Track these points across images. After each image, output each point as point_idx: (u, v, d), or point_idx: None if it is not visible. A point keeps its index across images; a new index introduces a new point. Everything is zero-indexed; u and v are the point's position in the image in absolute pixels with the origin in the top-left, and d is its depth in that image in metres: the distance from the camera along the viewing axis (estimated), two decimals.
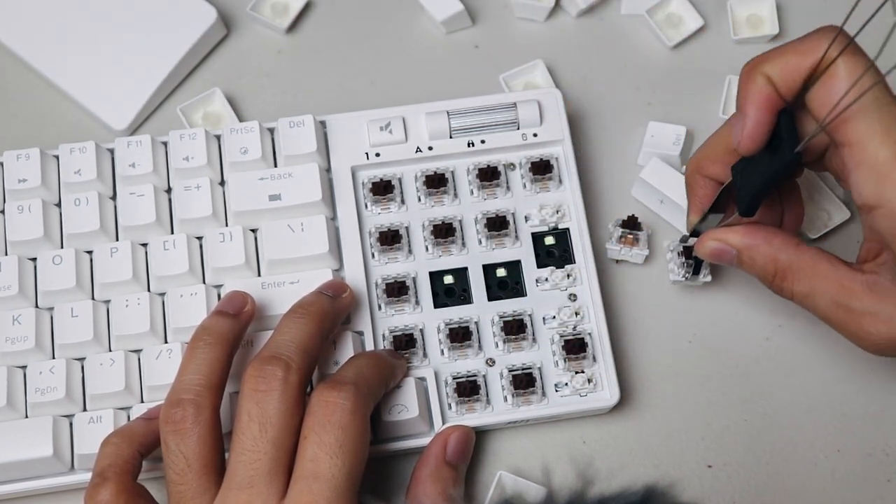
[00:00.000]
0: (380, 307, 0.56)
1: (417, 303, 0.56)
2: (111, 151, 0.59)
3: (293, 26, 0.65)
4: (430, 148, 0.58)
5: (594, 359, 0.55)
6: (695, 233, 0.55)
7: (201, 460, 0.48)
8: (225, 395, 0.51)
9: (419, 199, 0.58)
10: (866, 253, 0.49)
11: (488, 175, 0.58)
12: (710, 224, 0.54)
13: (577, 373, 0.55)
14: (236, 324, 0.51)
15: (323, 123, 0.59)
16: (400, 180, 0.58)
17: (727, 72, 0.63)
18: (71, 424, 0.53)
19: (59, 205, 0.58)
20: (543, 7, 0.64)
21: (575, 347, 0.55)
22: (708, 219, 0.54)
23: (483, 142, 0.58)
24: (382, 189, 0.58)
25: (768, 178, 0.48)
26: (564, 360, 0.55)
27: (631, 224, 0.58)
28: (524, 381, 0.54)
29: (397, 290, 0.56)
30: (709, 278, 0.57)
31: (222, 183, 0.58)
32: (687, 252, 0.56)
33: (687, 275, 0.57)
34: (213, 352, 0.50)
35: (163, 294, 0.56)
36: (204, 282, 0.56)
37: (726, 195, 0.53)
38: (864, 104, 0.45)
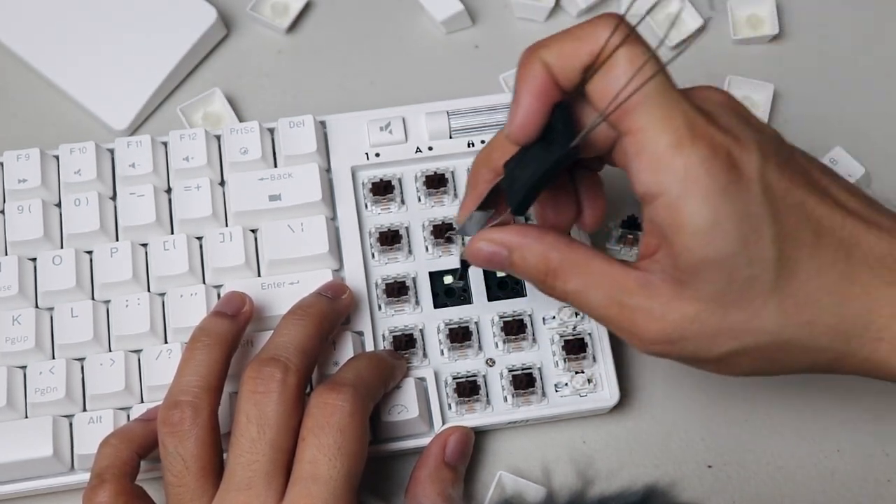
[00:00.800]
0: (380, 307, 0.56)
1: (417, 303, 0.56)
2: (111, 151, 0.59)
3: (293, 26, 0.65)
4: (430, 148, 0.58)
5: (594, 359, 0.55)
6: (462, 230, 0.50)
7: (199, 462, 0.48)
8: (224, 396, 0.51)
9: (419, 200, 0.58)
10: (643, 249, 0.47)
11: None
12: (476, 223, 0.50)
13: (576, 373, 0.55)
14: (234, 325, 0.51)
15: (323, 123, 0.59)
16: (400, 180, 0.58)
17: (727, 72, 0.63)
18: (71, 424, 0.53)
19: (59, 205, 0.58)
20: (543, 7, 0.64)
21: (575, 347, 0.55)
22: (474, 217, 0.50)
23: (483, 142, 0.58)
24: (382, 189, 0.58)
25: (542, 174, 0.45)
26: (564, 361, 0.55)
27: (631, 224, 0.58)
28: (524, 382, 0.54)
29: (397, 290, 0.56)
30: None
31: (222, 183, 0.58)
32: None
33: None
34: (211, 353, 0.50)
35: (163, 294, 0.56)
36: (204, 282, 0.56)
37: (499, 193, 0.49)
38: (645, 93, 0.43)
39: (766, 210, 0.43)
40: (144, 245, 0.57)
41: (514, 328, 0.55)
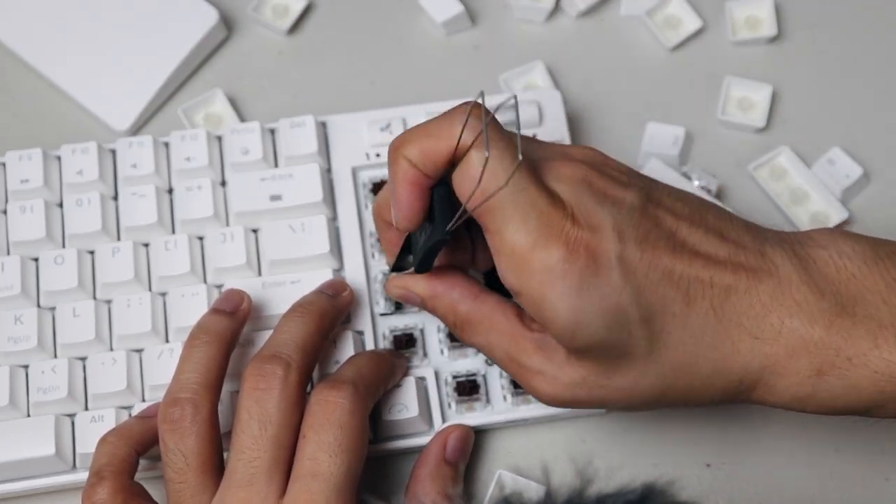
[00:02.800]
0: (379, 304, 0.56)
1: None
2: (113, 152, 0.59)
3: (294, 28, 0.65)
4: None
5: None
6: (397, 268, 0.53)
7: (200, 459, 0.48)
8: (225, 394, 0.51)
9: None
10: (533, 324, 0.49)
11: None
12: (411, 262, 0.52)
13: None
14: (233, 322, 0.52)
15: (323, 124, 0.59)
16: None
17: (726, 73, 0.63)
18: (73, 423, 0.54)
19: (61, 205, 0.58)
20: (543, 8, 0.65)
21: None
22: (408, 259, 0.52)
23: None
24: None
25: (427, 250, 0.48)
26: None
27: None
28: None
29: None
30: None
31: (223, 183, 0.58)
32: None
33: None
34: (209, 350, 0.50)
35: (164, 294, 0.56)
36: (205, 282, 0.56)
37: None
38: (501, 194, 0.44)
39: (629, 295, 0.44)
40: (146, 245, 0.57)
41: None
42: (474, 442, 0.55)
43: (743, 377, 0.46)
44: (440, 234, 0.47)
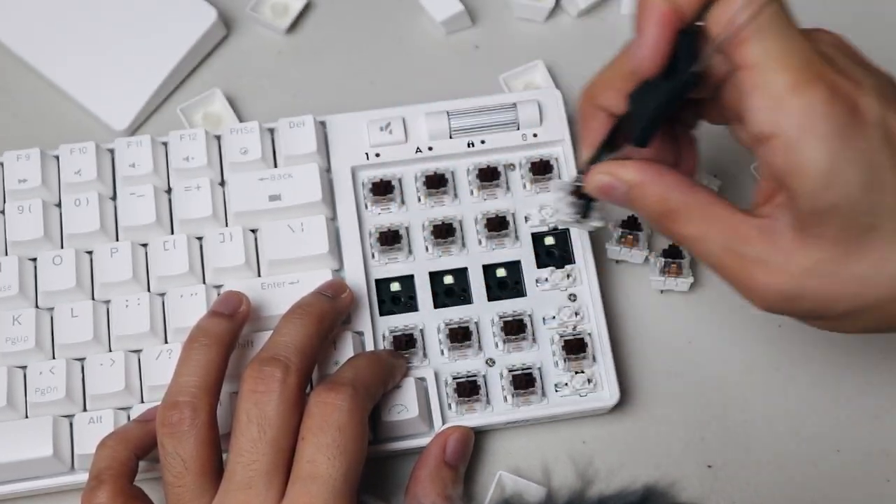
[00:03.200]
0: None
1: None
2: (111, 152, 0.59)
3: (293, 27, 0.65)
4: (430, 148, 0.58)
5: (594, 359, 0.55)
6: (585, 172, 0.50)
7: (199, 462, 0.48)
8: (224, 396, 0.51)
9: (419, 200, 0.58)
10: (760, 195, 0.46)
11: (488, 175, 0.58)
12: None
13: (576, 373, 0.55)
14: (232, 324, 0.51)
15: (323, 124, 0.59)
16: (400, 180, 0.58)
17: None
18: (71, 424, 0.53)
19: (59, 205, 0.58)
20: (543, 7, 0.64)
21: (575, 347, 0.55)
22: (602, 157, 0.50)
23: (483, 142, 0.58)
24: (382, 189, 0.58)
25: (665, 101, 0.45)
26: (564, 361, 0.55)
27: (631, 224, 0.58)
28: (524, 382, 0.54)
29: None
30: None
31: (222, 183, 0.58)
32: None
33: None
34: (208, 353, 0.50)
35: (163, 294, 0.56)
36: (204, 282, 0.56)
37: (621, 131, 0.49)
38: (762, 25, 0.41)
39: (888, 157, 0.42)
40: (144, 245, 0.57)
41: (514, 328, 0.55)
42: (474, 443, 0.55)
43: None
44: (685, 76, 0.44)
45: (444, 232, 0.57)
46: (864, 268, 0.43)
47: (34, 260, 0.56)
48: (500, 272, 0.57)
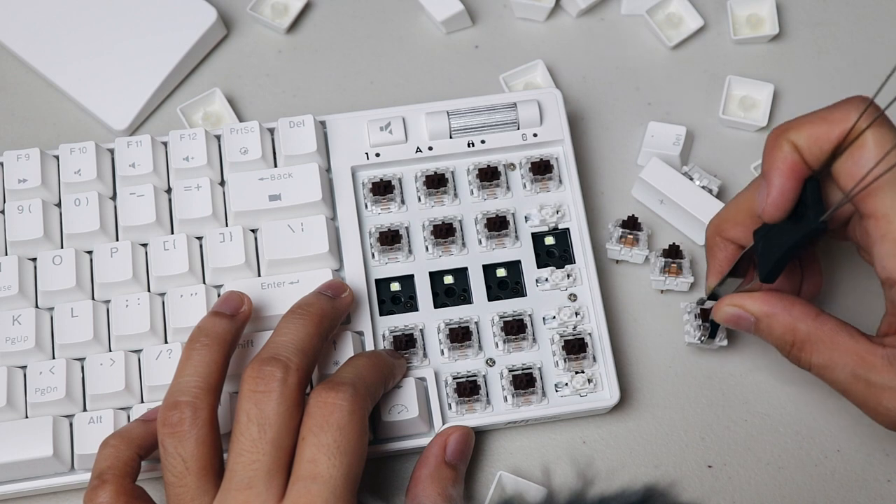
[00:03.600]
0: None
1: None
2: (111, 151, 0.59)
3: (293, 26, 0.65)
4: (430, 148, 0.58)
5: (594, 359, 0.55)
6: (713, 296, 0.54)
7: (199, 462, 0.48)
8: (224, 396, 0.51)
9: (419, 200, 0.58)
10: (888, 326, 0.48)
11: (488, 175, 0.58)
12: (727, 288, 0.53)
13: (577, 373, 0.55)
14: (233, 324, 0.51)
15: (323, 123, 0.59)
16: (400, 180, 0.58)
17: (727, 72, 0.63)
18: (71, 424, 0.53)
19: (59, 205, 0.58)
20: (543, 7, 0.64)
21: (575, 347, 0.55)
22: (726, 282, 0.53)
23: (483, 142, 0.58)
24: (382, 189, 0.58)
25: (792, 246, 0.48)
26: (564, 361, 0.55)
27: (631, 224, 0.58)
28: (524, 382, 0.54)
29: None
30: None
31: (222, 183, 0.58)
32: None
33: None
34: (209, 353, 0.50)
35: (163, 294, 0.56)
36: (204, 282, 0.56)
37: (746, 260, 0.52)
38: (891, 178, 0.45)
39: None
40: (144, 245, 0.57)
41: (515, 328, 0.55)
42: (475, 443, 0.55)
43: None
44: (815, 223, 0.47)
45: (444, 232, 0.57)
46: None
47: (34, 260, 0.56)
48: (501, 272, 0.57)
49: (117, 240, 0.57)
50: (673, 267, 0.58)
